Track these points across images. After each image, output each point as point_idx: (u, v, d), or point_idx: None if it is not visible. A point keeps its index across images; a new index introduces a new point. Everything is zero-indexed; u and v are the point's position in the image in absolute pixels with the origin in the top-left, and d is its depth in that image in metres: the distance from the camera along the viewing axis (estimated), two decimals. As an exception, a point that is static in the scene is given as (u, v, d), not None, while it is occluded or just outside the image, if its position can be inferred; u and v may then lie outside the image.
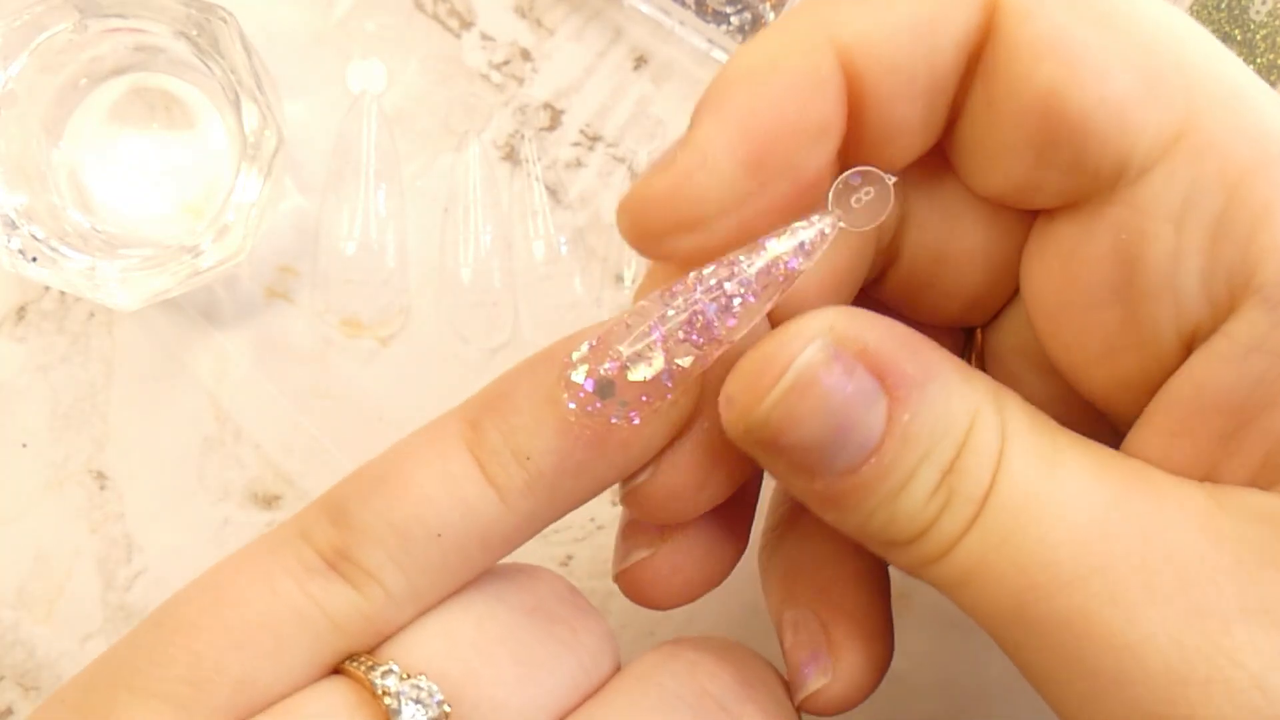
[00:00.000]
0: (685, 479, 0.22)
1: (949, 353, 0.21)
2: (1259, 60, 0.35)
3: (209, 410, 0.36)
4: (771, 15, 0.35)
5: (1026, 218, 0.22)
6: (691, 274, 0.20)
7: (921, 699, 0.37)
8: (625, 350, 0.20)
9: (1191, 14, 0.34)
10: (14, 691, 0.36)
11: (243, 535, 0.36)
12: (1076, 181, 0.20)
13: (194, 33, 0.32)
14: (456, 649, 0.20)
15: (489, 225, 0.36)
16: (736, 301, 0.20)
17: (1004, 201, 0.22)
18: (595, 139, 0.36)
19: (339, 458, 0.36)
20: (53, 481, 0.36)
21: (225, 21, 0.32)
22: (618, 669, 0.22)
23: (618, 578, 0.24)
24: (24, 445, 0.36)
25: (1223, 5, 0.34)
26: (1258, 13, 0.34)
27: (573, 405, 0.20)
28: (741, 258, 0.20)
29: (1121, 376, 0.21)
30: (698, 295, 0.20)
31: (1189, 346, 0.20)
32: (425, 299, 0.36)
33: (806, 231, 0.20)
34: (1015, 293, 0.23)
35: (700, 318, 0.20)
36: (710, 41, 0.35)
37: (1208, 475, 0.20)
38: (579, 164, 0.36)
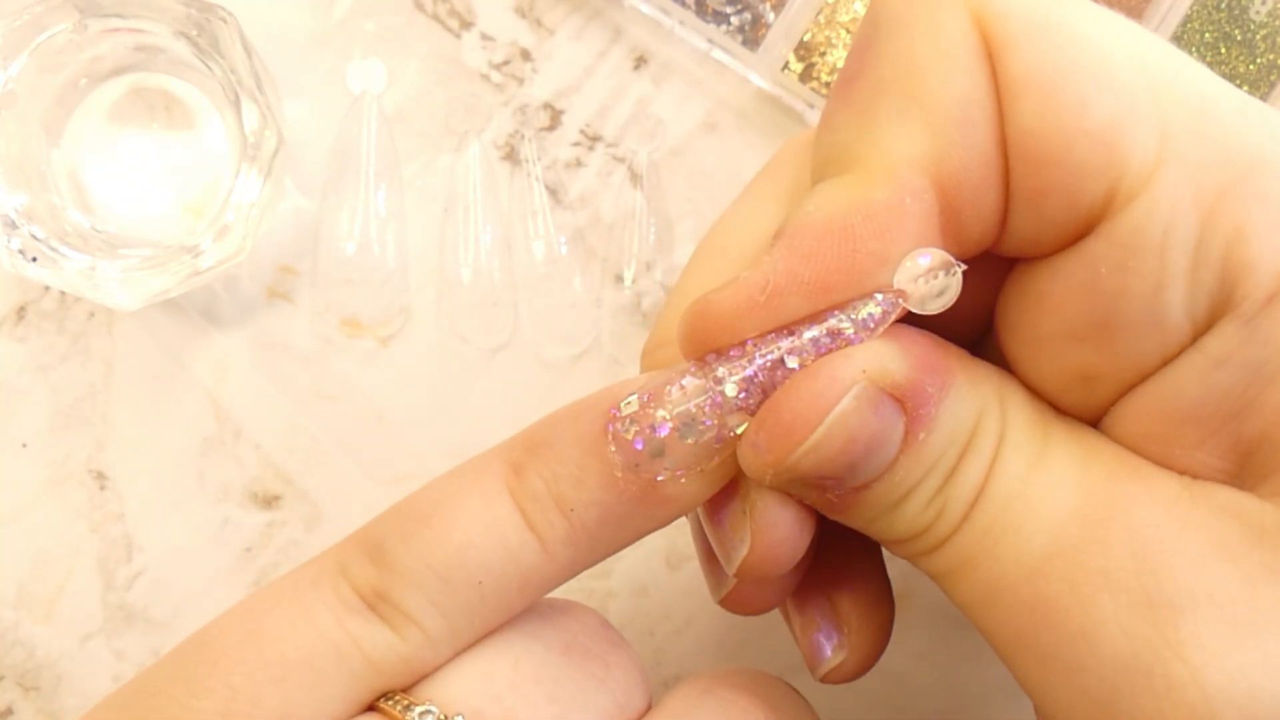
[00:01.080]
0: (781, 535, 0.22)
1: (958, 352, 0.21)
2: (1259, 60, 0.35)
3: (209, 410, 0.36)
4: (772, 15, 0.35)
5: (1006, 263, 0.22)
6: (750, 341, 0.20)
7: (921, 699, 0.37)
8: (677, 411, 0.20)
9: (1191, 14, 0.34)
10: (14, 691, 0.36)
11: (242, 535, 0.36)
12: (1068, 222, 0.20)
13: (194, 33, 0.32)
14: (493, 688, 0.20)
15: (489, 225, 0.36)
16: (792, 369, 0.20)
17: (1011, 254, 0.22)
18: (595, 139, 0.36)
19: (339, 458, 0.36)
20: (53, 481, 0.36)
21: (225, 21, 0.32)
22: (649, 704, 0.22)
23: (722, 603, 0.25)
24: (24, 445, 0.36)
25: (1223, 5, 0.34)
26: (1258, 13, 0.34)
27: (619, 459, 0.20)
28: (800, 326, 0.20)
29: (1097, 403, 0.21)
30: (757, 364, 0.20)
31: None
32: (425, 299, 0.36)
33: (871, 309, 0.20)
34: (986, 329, 0.24)
35: (755, 382, 0.20)
36: (710, 41, 0.35)
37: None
38: (579, 164, 0.36)
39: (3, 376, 0.36)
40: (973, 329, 0.24)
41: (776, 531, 0.21)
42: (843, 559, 0.25)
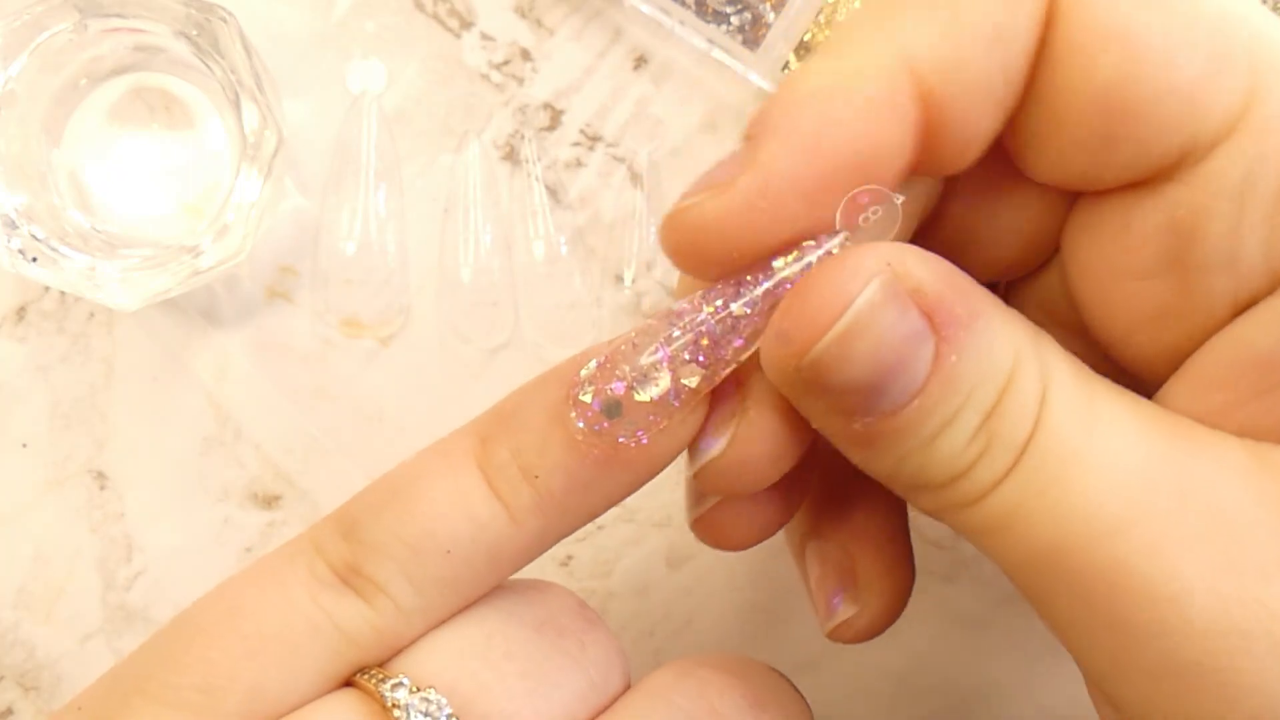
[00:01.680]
0: (760, 449, 0.21)
1: (990, 294, 0.20)
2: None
3: (209, 410, 0.36)
4: (772, 15, 0.35)
5: (1073, 194, 0.22)
6: (698, 294, 0.20)
7: (921, 699, 0.37)
8: (631, 370, 0.20)
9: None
10: (14, 691, 0.36)
11: (243, 535, 0.36)
12: (1138, 168, 0.20)
13: (194, 33, 0.32)
14: (466, 663, 0.20)
15: (489, 225, 0.36)
16: (743, 322, 0.20)
17: (1060, 187, 0.21)
18: (595, 139, 0.36)
19: (339, 458, 0.36)
20: (53, 481, 0.36)
21: (225, 21, 0.32)
22: (628, 684, 0.22)
23: (694, 524, 0.24)
24: (24, 445, 0.36)
25: (1223, 5, 0.34)
26: (1258, 13, 0.34)
27: (580, 424, 0.20)
28: (748, 278, 0.20)
29: (1167, 344, 0.21)
30: (704, 316, 0.20)
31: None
32: (425, 299, 0.36)
33: (814, 252, 0.20)
34: (1050, 258, 0.23)
35: (707, 338, 0.20)
36: (710, 41, 0.35)
37: (1239, 430, 0.20)
38: (579, 164, 0.36)
39: (3, 376, 0.36)
40: (1032, 258, 0.23)
41: (760, 443, 0.21)
42: (865, 516, 0.25)
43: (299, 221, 0.36)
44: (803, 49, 0.35)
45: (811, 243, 0.20)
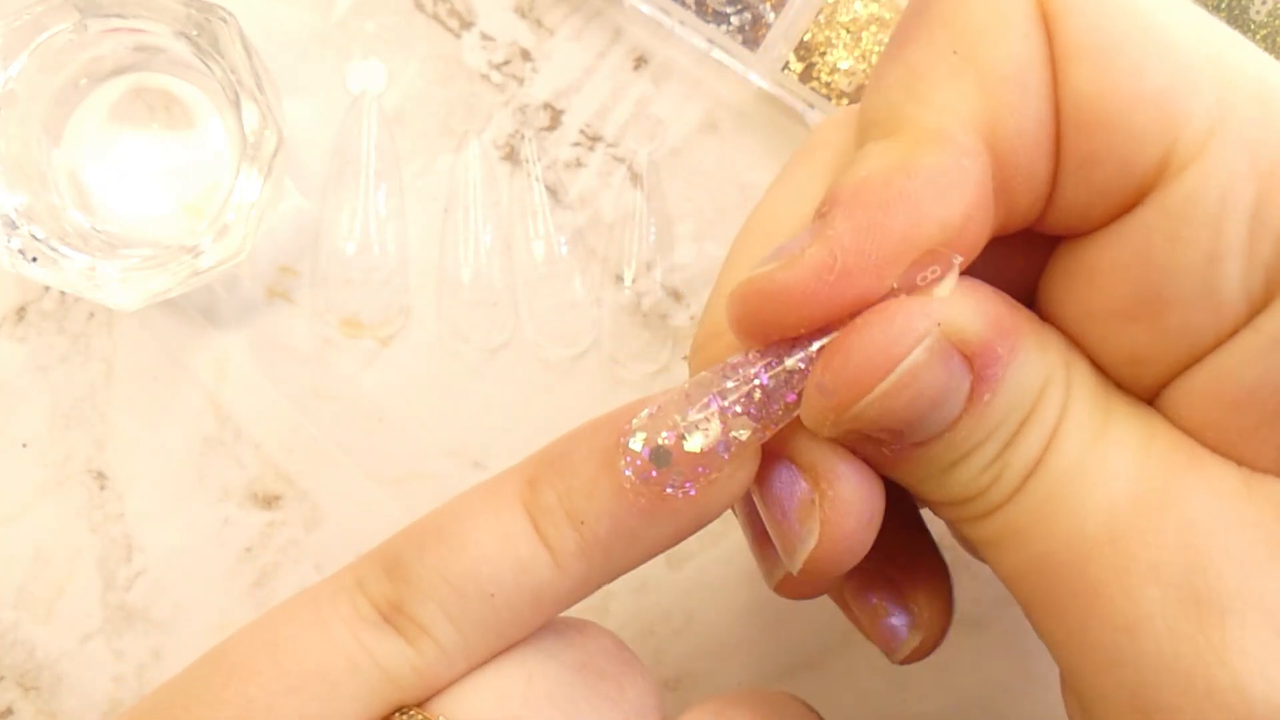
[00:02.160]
0: (852, 521, 0.21)
1: (1029, 315, 0.21)
2: (1259, 60, 0.35)
3: (209, 410, 0.36)
4: (772, 15, 0.34)
5: (1050, 242, 0.22)
6: (753, 349, 0.20)
7: (922, 698, 0.37)
8: (682, 421, 0.20)
9: (1191, 14, 0.34)
10: (14, 691, 0.36)
11: (243, 535, 0.36)
12: (1118, 190, 0.19)
13: (194, 33, 0.32)
14: (507, 705, 0.20)
15: (489, 225, 0.36)
16: (797, 378, 0.20)
17: (1048, 231, 0.21)
18: (595, 139, 0.36)
19: (339, 458, 0.36)
20: (53, 481, 0.36)
21: (225, 21, 0.32)
22: None
23: (777, 588, 0.24)
24: (24, 445, 0.36)
25: (1222, 5, 0.34)
26: (1258, 13, 0.34)
27: (629, 472, 0.20)
28: (805, 335, 0.20)
29: (1150, 384, 0.21)
30: (757, 369, 0.20)
31: None
32: (425, 299, 0.36)
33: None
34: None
35: (759, 392, 0.20)
36: (710, 41, 0.35)
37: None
38: (579, 164, 0.36)
39: (3, 376, 0.36)
40: None
41: (848, 523, 0.21)
42: (893, 537, 0.24)
43: (299, 221, 0.36)
44: (803, 49, 0.35)
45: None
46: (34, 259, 0.32)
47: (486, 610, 0.20)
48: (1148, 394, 0.21)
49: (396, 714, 0.20)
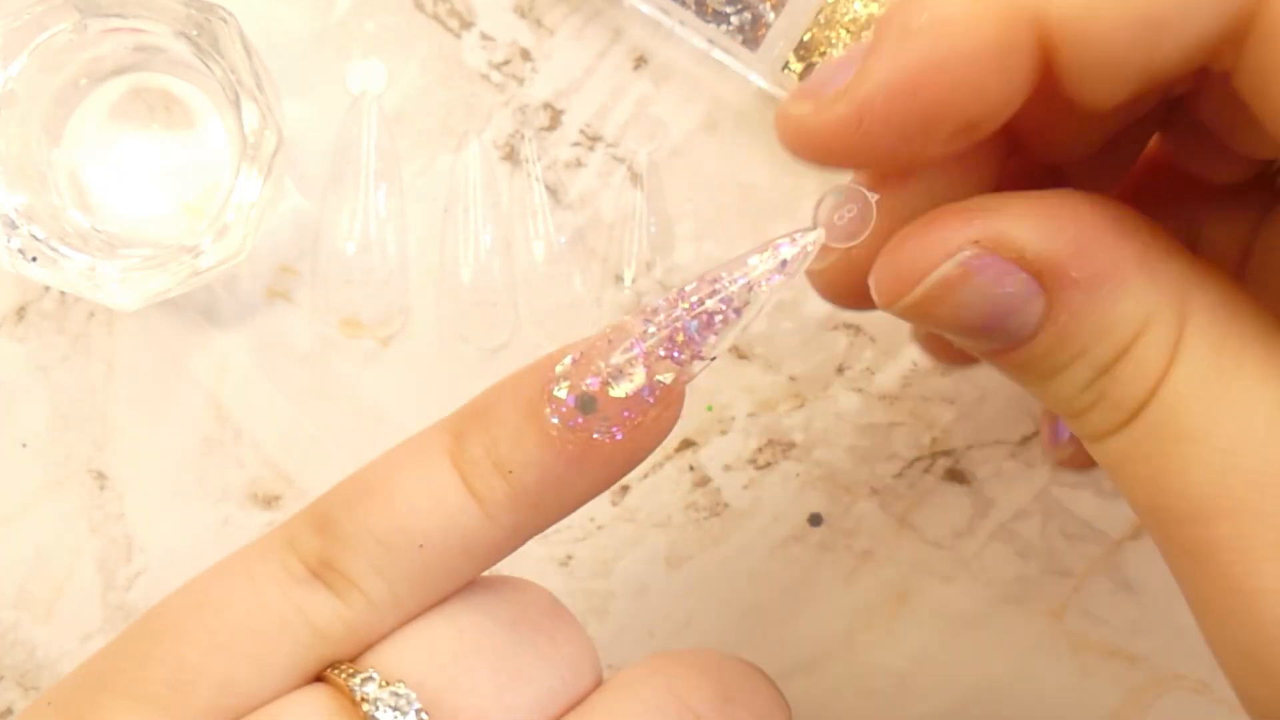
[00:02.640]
0: (848, 283, 0.22)
1: (1144, 245, 0.20)
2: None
3: (209, 410, 0.36)
4: (772, 15, 0.34)
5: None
6: (673, 290, 0.20)
7: (922, 698, 0.37)
8: (606, 366, 0.20)
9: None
10: (14, 691, 0.36)
11: (243, 535, 0.36)
12: None
13: (194, 33, 0.32)
14: (436, 658, 0.20)
15: (489, 225, 0.36)
16: (718, 318, 0.20)
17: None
18: (595, 139, 0.36)
19: (339, 458, 0.36)
20: (53, 481, 0.36)
21: (225, 21, 0.32)
22: (599, 680, 0.22)
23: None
24: (24, 445, 0.36)
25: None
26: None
27: (555, 420, 0.20)
28: (723, 274, 0.20)
29: None
30: (679, 312, 0.20)
31: None
32: (425, 299, 0.36)
33: (789, 249, 0.20)
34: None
35: (681, 334, 0.20)
36: (710, 41, 0.35)
37: None
38: (579, 164, 0.36)
39: (3, 376, 0.36)
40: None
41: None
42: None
43: (299, 221, 0.36)
44: (803, 49, 0.35)
45: (786, 238, 0.20)
46: (34, 259, 0.32)
47: (416, 563, 0.20)
48: None
49: (328, 669, 0.20)
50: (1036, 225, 0.20)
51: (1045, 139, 0.22)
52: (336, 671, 0.20)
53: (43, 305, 0.36)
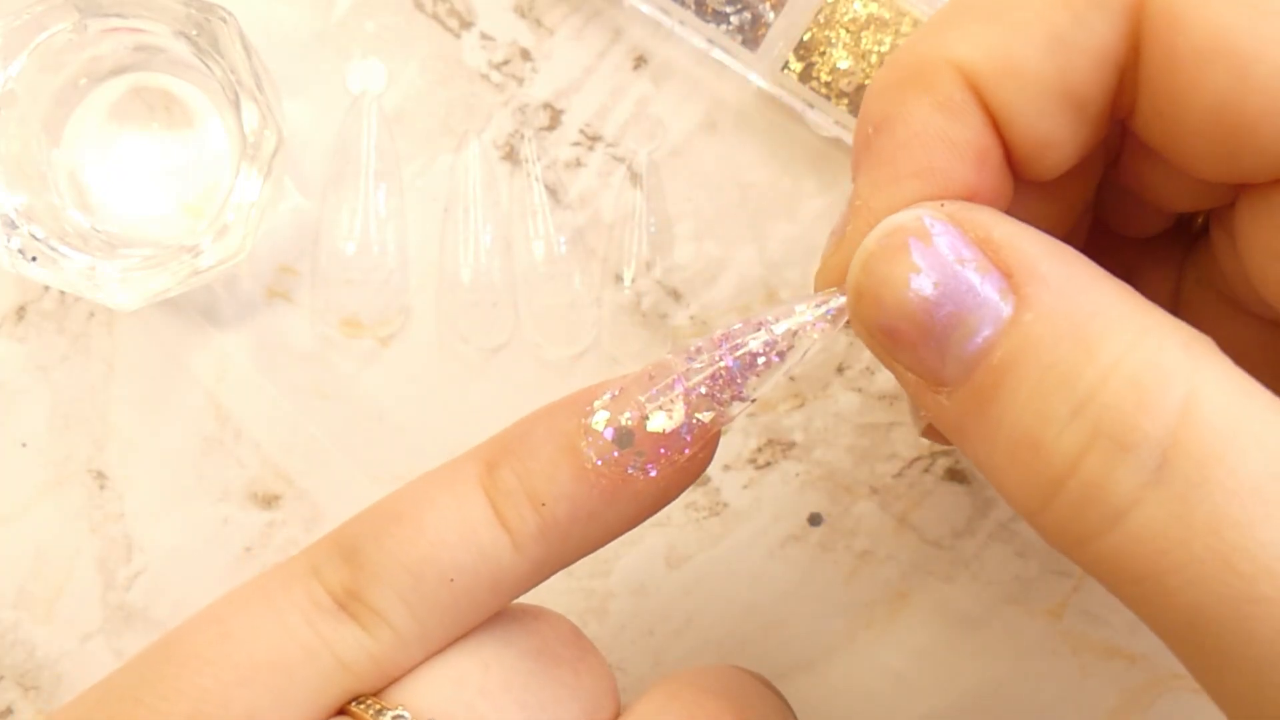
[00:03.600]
0: None
1: (1123, 283, 0.18)
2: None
3: (209, 410, 0.36)
4: (771, 15, 0.34)
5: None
6: (719, 331, 0.20)
7: (922, 698, 0.37)
8: (645, 401, 0.20)
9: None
10: (14, 691, 0.36)
11: (242, 535, 0.36)
12: (1274, 171, 0.19)
13: (194, 33, 0.32)
14: (463, 694, 0.20)
15: (489, 225, 0.36)
16: (760, 360, 0.20)
17: (1215, 180, 0.20)
18: (595, 139, 0.36)
19: (339, 458, 0.36)
20: (53, 481, 0.36)
21: (225, 21, 0.32)
22: (618, 709, 0.22)
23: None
24: (24, 445, 0.36)
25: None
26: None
27: (591, 452, 0.20)
28: (769, 317, 0.20)
29: None
30: (721, 352, 0.20)
31: None
32: (425, 299, 0.36)
33: (836, 300, 0.20)
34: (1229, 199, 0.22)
35: (723, 375, 0.20)
36: (710, 41, 0.35)
37: None
38: (579, 164, 0.36)
39: (3, 376, 0.36)
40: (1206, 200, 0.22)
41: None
42: None
43: (299, 221, 0.36)
44: (802, 49, 0.35)
45: (835, 289, 0.20)
46: (34, 259, 0.32)
47: (445, 596, 0.20)
48: None
49: (353, 703, 0.20)
50: (1010, 221, 0.19)
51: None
52: (361, 706, 0.20)
53: (43, 305, 0.36)
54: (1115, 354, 0.16)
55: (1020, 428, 0.17)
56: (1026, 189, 0.21)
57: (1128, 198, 0.24)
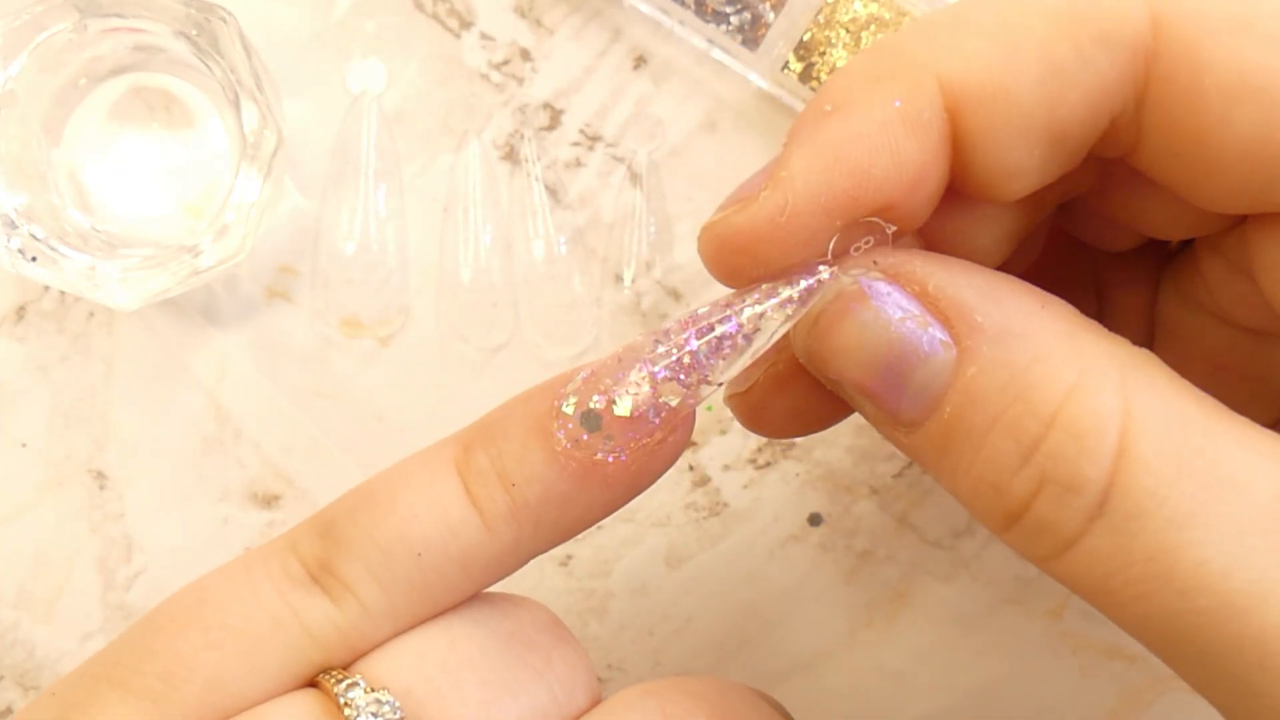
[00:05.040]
0: (774, 402, 0.22)
1: (1064, 310, 0.19)
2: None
3: (209, 410, 0.36)
4: (771, 15, 0.34)
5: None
6: (685, 314, 0.21)
7: (922, 698, 0.37)
8: (613, 385, 0.20)
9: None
10: (14, 691, 0.36)
11: (242, 535, 0.36)
12: None
13: (194, 32, 0.32)
14: (425, 668, 0.20)
15: (489, 225, 0.36)
16: (727, 344, 0.20)
17: (1232, 212, 0.20)
18: (595, 139, 0.36)
19: (339, 458, 0.36)
20: (53, 481, 0.36)
21: (225, 21, 0.32)
22: (596, 702, 0.22)
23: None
24: (24, 445, 0.36)
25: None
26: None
27: (561, 435, 0.20)
28: (736, 301, 0.20)
29: None
30: (688, 335, 0.20)
31: None
32: (425, 299, 0.36)
33: (804, 279, 0.20)
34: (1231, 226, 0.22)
35: (689, 358, 0.20)
36: (710, 41, 0.35)
37: None
38: (579, 164, 0.36)
39: (3, 376, 0.36)
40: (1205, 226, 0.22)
41: (771, 397, 0.22)
42: None
43: (299, 221, 0.36)
44: (802, 49, 0.35)
45: (803, 271, 0.20)
46: (34, 259, 0.32)
47: (413, 571, 0.20)
48: None
49: (320, 675, 0.20)
50: (943, 268, 0.19)
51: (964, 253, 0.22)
52: (327, 677, 0.20)
53: (43, 305, 0.36)
54: (1054, 405, 0.18)
55: (975, 471, 0.19)
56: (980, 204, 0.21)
57: (1104, 220, 0.24)
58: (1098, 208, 0.23)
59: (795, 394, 0.23)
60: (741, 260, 0.20)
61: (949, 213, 0.21)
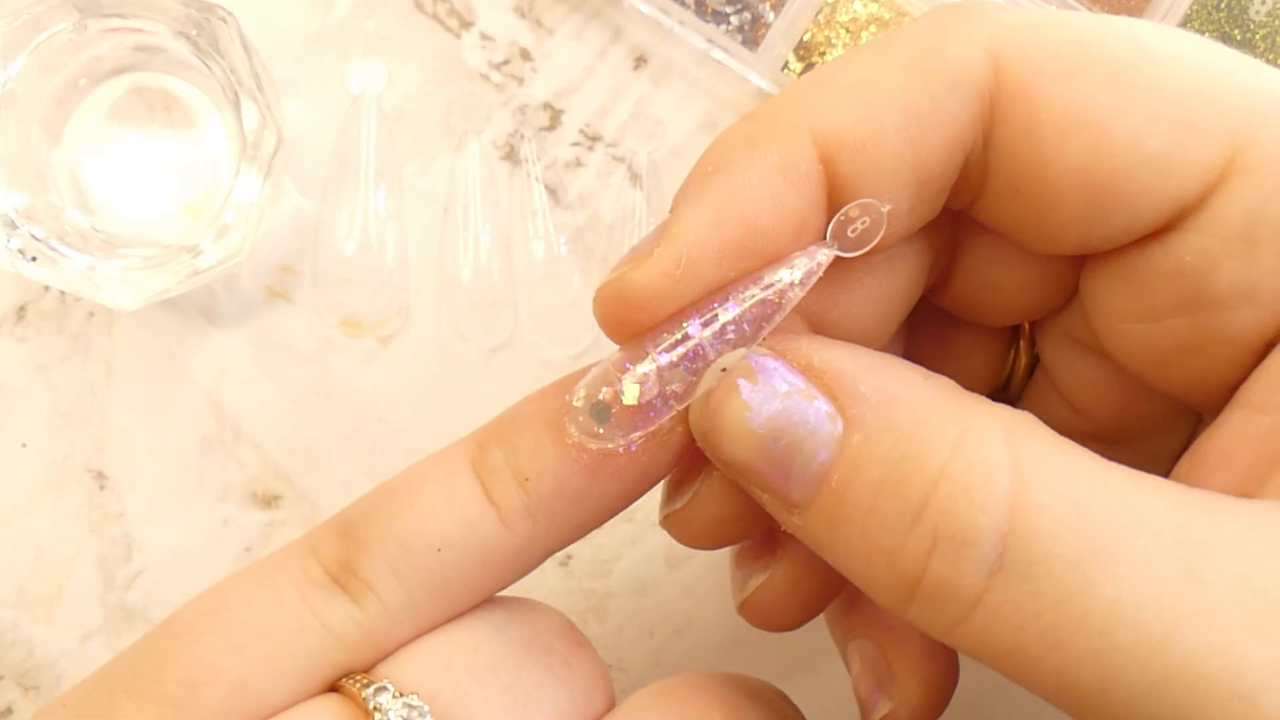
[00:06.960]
0: (714, 511, 0.22)
1: (945, 381, 0.20)
2: (1259, 60, 0.34)
3: (209, 410, 0.36)
4: (772, 15, 0.35)
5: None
6: (689, 304, 0.21)
7: (921, 699, 0.37)
8: (621, 376, 0.21)
9: (1191, 14, 0.34)
10: (14, 691, 0.36)
11: (242, 535, 0.36)
12: (1132, 230, 0.20)
13: (194, 33, 0.32)
14: (450, 673, 0.20)
15: (489, 225, 0.36)
16: (730, 330, 0.20)
17: (1061, 255, 0.22)
18: (595, 139, 0.36)
19: (339, 458, 0.36)
20: (53, 481, 0.36)
21: (225, 21, 0.32)
22: (611, 706, 0.22)
23: (741, 608, 0.25)
24: (24, 445, 0.36)
25: (1222, 5, 0.34)
26: (1257, 13, 0.34)
27: (573, 429, 0.21)
28: (738, 288, 0.21)
29: (1198, 373, 0.21)
30: (692, 324, 0.21)
31: (1271, 343, 0.20)
32: (425, 299, 0.36)
33: (804, 264, 0.21)
34: (1074, 292, 0.24)
35: (694, 345, 0.21)
36: (710, 41, 0.35)
37: None
38: (579, 164, 0.36)
39: (3, 376, 0.36)
40: (1056, 298, 0.24)
41: (715, 505, 0.22)
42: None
43: (299, 221, 0.36)
44: (802, 49, 0.35)
45: (801, 254, 0.21)
46: (34, 259, 0.32)
47: (433, 567, 0.20)
48: (1201, 386, 0.21)
49: (343, 679, 0.20)
50: (828, 345, 0.20)
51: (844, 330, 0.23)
52: (351, 681, 0.20)
53: (43, 305, 0.36)
54: (941, 461, 0.18)
55: (868, 540, 0.19)
56: (861, 265, 0.22)
57: (962, 299, 0.25)
58: (957, 285, 0.24)
59: (728, 503, 0.23)
60: (640, 315, 0.20)
61: (832, 295, 0.22)
